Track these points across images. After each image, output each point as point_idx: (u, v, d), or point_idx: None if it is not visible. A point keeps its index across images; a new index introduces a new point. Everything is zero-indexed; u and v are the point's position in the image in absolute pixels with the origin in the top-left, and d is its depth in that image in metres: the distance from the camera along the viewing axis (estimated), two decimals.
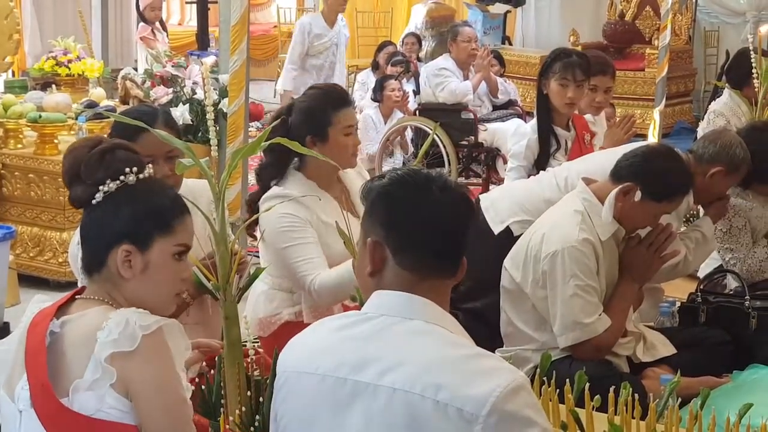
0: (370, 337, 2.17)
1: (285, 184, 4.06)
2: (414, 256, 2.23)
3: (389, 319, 2.18)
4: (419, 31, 12.56)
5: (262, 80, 14.87)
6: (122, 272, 2.44)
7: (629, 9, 12.45)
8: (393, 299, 2.21)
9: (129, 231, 2.45)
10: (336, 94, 4.12)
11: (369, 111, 9.26)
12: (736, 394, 3.79)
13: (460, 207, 2.30)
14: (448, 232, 2.26)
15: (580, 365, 3.60)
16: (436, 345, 2.12)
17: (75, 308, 2.45)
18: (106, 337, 2.28)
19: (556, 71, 5.37)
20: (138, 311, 2.35)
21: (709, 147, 4.55)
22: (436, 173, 2.35)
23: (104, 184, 2.46)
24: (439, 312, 2.20)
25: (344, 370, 2.14)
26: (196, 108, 6.21)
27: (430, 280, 2.23)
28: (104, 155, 2.50)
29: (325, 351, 2.21)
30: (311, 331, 2.36)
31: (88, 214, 2.50)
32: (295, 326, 3.99)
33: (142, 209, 2.48)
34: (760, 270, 4.96)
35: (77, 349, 2.33)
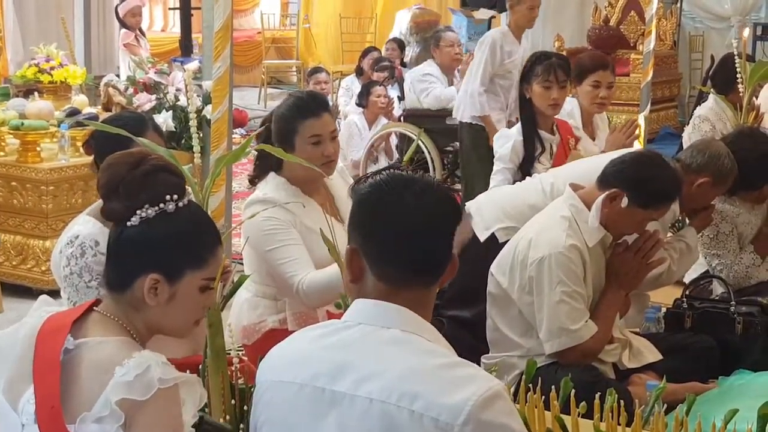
0: (347, 347, 2.15)
1: (269, 189, 4.04)
2: (389, 269, 2.20)
3: (367, 328, 2.16)
4: (404, 36, 12.56)
5: (246, 86, 14.88)
6: (147, 300, 2.38)
7: (614, 14, 12.47)
8: (370, 308, 2.19)
9: (160, 260, 2.39)
10: (306, 103, 4.06)
11: (354, 117, 9.25)
12: (722, 399, 3.78)
13: (438, 213, 2.23)
14: (425, 243, 2.20)
15: (566, 372, 3.59)
16: (412, 354, 2.10)
17: (92, 326, 2.38)
18: (122, 376, 2.22)
19: (538, 74, 5.40)
20: (162, 360, 2.28)
21: (697, 157, 4.55)
22: (418, 176, 2.29)
23: (142, 209, 2.39)
24: (416, 320, 2.17)
25: (322, 379, 2.13)
26: (180, 115, 6.19)
27: (408, 291, 2.19)
28: (147, 177, 2.42)
29: (304, 360, 2.19)
30: (290, 341, 2.33)
31: (121, 232, 2.42)
32: (280, 334, 3.96)
33: (177, 241, 2.41)
34: (746, 276, 4.96)
35: (92, 381, 2.27)
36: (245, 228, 3.97)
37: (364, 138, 8.84)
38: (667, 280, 4.55)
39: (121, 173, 2.43)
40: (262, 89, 14.30)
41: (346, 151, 8.89)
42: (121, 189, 2.41)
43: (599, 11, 12.60)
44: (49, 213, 6.41)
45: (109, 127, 3.35)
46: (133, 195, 2.40)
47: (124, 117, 3.90)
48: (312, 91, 7.90)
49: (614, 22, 12.39)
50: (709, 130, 6.49)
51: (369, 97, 9.09)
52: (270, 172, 4.09)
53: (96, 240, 3.48)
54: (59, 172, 6.42)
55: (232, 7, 4.83)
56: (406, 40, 12.56)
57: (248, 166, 7.44)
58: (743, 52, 6.20)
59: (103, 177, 2.47)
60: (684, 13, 13.01)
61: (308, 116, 3.99)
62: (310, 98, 4.14)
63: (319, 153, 3.97)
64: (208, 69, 5.29)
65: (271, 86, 14.88)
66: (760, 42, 12.42)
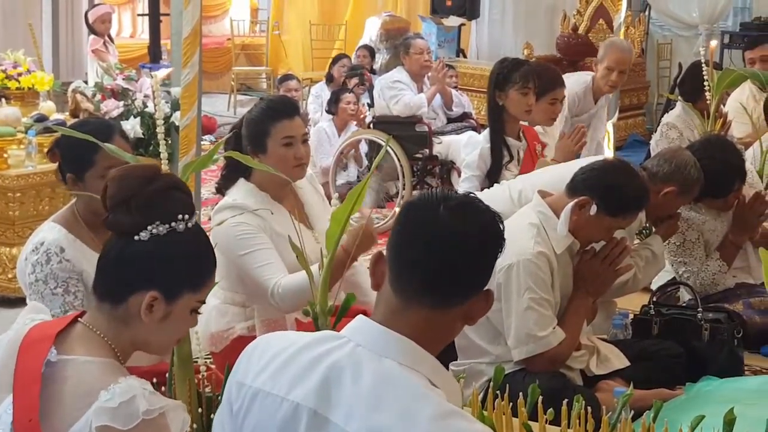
0: (340, 369, 2.04)
1: (238, 195, 4.03)
2: (403, 279, 2.10)
3: (363, 353, 2.05)
4: (374, 43, 12.56)
5: (215, 93, 14.83)
6: (143, 316, 2.36)
7: (582, 22, 12.51)
8: (371, 330, 2.09)
9: (163, 279, 2.37)
10: (278, 105, 4.09)
11: (323, 124, 9.24)
12: (689, 406, 3.80)
13: (470, 233, 2.09)
14: (443, 259, 2.07)
15: (534, 378, 3.60)
16: (405, 400, 1.98)
17: (77, 341, 2.35)
18: (106, 401, 2.20)
19: (516, 81, 5.42)
20: (148, 389, 2.26)
21: (663, 166, 4.57)
22: (467, 196, 2.17)
23: (153, 225, 2.36)
24: (416, 353, 2.06)
25: (312, 399, 2.03)
26: (148, 121, 6.16)
27: (417, 310, 2.08)
28: (160, 194, 2.40)
29: (297, 375, 2.08)
30: (281, 343, 2.20)
31: (125, 246, 2.38)
32: (248, 341, 3.90)
33: (182, 262, 2.39)
34: (713, 283, 5.00)
35: (75, 401, 2.24)
36: (214, 234, 3.95)
37: (334, 145, 8.83)
38: (633, 287, 4.58)
39: (134, 187, 2.40)
40: (232, 96, 14.26)
41: (315, 157, 8.88)
42: (132, 203, 2.37)
43: (568, 19, 12.64)
44: (16, 220, 6.35)
45: (77, 133, 3.34)
46: (145, 210, 2.37)
47: (91, 123, 3.88)
48: (284, 95, 7.91)
49: (583, 30, 12.43)
50: (677, 138, 6.54)
51: (338, 104, 9.08)
52: (239, 179, 4.08)
53: (61, 246, 3.46)
54: (26, 179, 6.37)
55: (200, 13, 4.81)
56: (376, 47, 12.55)
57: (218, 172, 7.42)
58: (710, 60, 6.24)
59: (113, 188, 2.42)
60: (652, 21, 13.08)
61: (281, 118, 4.00)
62: (283, 101, 4.18)
63: (291, 155, 3.98)
64: (176, 75, 5.26)
65: (241, 93, 14.84)
66: (727, 50, 12.50)
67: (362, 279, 4.27)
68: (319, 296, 3.17)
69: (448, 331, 2.14)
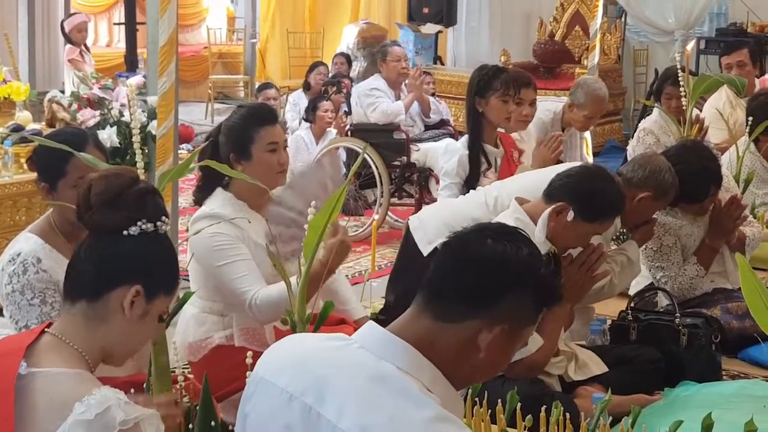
0: (340, 368, 2.07)
1: (216, 204, 4.01)
2: (421, 290, 2.15)
3: (364, 354, 2.08)
4: (351, 51, 12.57)
5: (192, 102, 14.79)
6: (125, 310, 2.37)
7: (558, 29, 12.56)
8: (375, 334, 2.12)
9: (147, 276, 2.39)
10: (260, 112, 4.09)
11: (301, 132, 9.23)
12: (667, 411, 3.81)
13: (498, 257, 2.11)
14: (456, 274, 2.12)
15: (513, 385, 3.60)
16: (398, 401, 1.99)
17: (47, 351, 2.33)
18: (81, 413, 2.18)
19: (498, 88, 5.44)
20: (123, 399, 2.24)
21: (638, 171, 4.59)
22: (518, 231, 2.19)
23: (142, 221, 2.40)
24: (417, 361, 2.06)
25: (310, 396, 2.05)
26: (124, 130, 6.14)
27: (423, 320, 2.11)
28: (146, 195, 2.46)
29: (300, 364, 2.13)
30: (298, 341, 2.30)
31: (109, 241, 2.41)
32: (227, 350, 3.95)
33: (164, 262, 2.46)
34: (690, 287, 5.01)
35: (50, 413, 2.22)
36: (191, 243, 3.94)
37: (311, 153, 8.82)
38: (608, 293, 4.58)
39: (123, 185, 2.45)
40: (209, 104, 14.24)
41: (293, 165, 8.85)
42: (124, 199, 2.42)
43: (544, 26, 12.69)
44: None
45: (51, 143, 3.33)
46: (135, 207, 2.42)
47: (65, 133, 3.87)
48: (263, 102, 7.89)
49: (559, 37, 12.49)
50: (653, 143, 6.58)
51: (316, 112, 9.08)
52: (216, 189, 4.07)
53: (38, 257, 3.45)
54: (2, 189, 6.34)
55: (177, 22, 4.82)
56: (353, 54, 12.56)
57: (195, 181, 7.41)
58: (686, 67, 6.27)
59: (100, 186, 2.45)
60: (628, 28, 13.13)
61: (265, 124, 4.00)
62: (265, 107, 4.19)
63: (276, 161, 3.98)
64: (153, 84, 5.26)
65: (218, 101, 14.81)
66: (703, 56, 12.56)
67: (340, 286, 4.27)
68: (297, 305, 3.17)
69: (451, 352, 2.10)
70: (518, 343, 2.17)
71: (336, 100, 9.42)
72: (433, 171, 7.75)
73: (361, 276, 6.51)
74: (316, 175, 3.85)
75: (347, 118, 8.68)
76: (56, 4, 12.72)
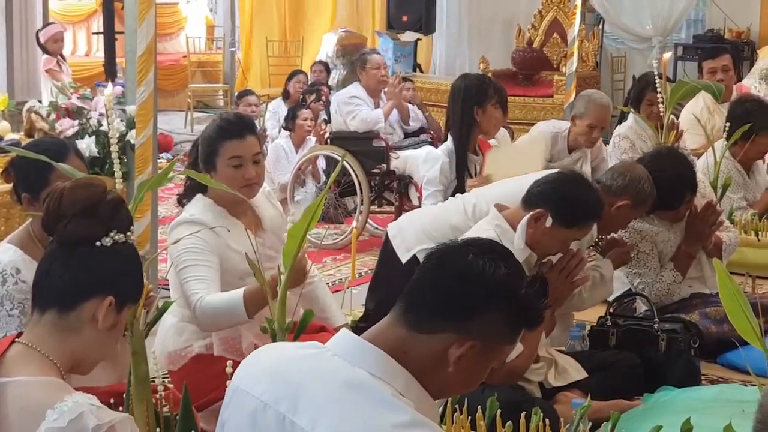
0: (313, 375, 2.07)
1: (195, 210, 4.01)
2: (400, 298, 2.14)
3: (338, 362, 2.08)
4: (330, 59, 12.57)
5: (172, 111, 14.77)
6: (99, 317, 2.36)
7: (537, 36, 12.60)
8: (349, 342, 2.12)
9: (118, 287, 2.40)
10: (230, 124, 4.06)
11: (280, 140, 9.24)
12: (647, 416, 3.83)
13: (477, 273, 2.08)
14: (433, 285, 2.11)
15: (492, 391, 3.61)
16: (371, 407, 1.99)
17: (17, 360, 2.32)
18: (54, 420, 2.18)
19: (493, 95, 5.52)
20: (96, 404, 2.23)
21: (617, 179, 4.61)
22: (503, 249, 2.19)
23: (114, 232, 2.40)
24: (390, 367, 2.06)
25: (284, 404, 2.06)
26: (103, 140, 6.12)
27: (398, 329, 2.10)
28: (118, 206, 2.46)
29: (274, 374, 2.13)
30: (273, 349, 2.29)
31: (83, 252, 2.40)
32: (206, 359, 3.94)
33: (132, 272, 2.46)
34: (668, 293, 5.04)
35: (23, 421, 2.21)
36: (170, 251, 3.94)
37: (291, 161, 8.82)
38: (576, 305, 4.56)
39: (99, 194, 2.45)
40: (189, 113, 14.22)
41: (273, 174, 8.87)
42: (100, 209, 2.42)
43: (523, 33, 12.72)
44: None
45: (32, 153, 3.32)
46: (109, 218, 2.42)
47: (45, 143, 3.86)
48: (239, 113, 7.89)
49: (538, 44, 12.52)
50: (629, 148, 6.62)
51: (295, 121, 9.08)
52: (197, 194, 4.07)
53: (17, 267, 3.43)
54: None
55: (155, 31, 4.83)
56: (332, 63, 12.57)
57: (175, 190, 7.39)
58: (663, 73, 6.30)
59: (81, 194, 2.45)
60: (606, 35, 13.17)
61: (230, 138, 3.98)
62: (235, 120, 4.14)
63: (240, 175, 3.96)
64: (131, 93, 5.26)
65: (198, 110, 14.79)
66: (681, 62, 12.62)
67: (320, 293, 4.27)
68: (277, 313, 3.17)
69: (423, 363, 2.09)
70: (491, 362, 2.14)
71: (315, 108, 9.43)
72: (413, 178, 7.76)
73: (341, 284, 6.51)
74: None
75: (326, 126, 8.68)
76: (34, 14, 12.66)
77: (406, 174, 7.92)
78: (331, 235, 8.02)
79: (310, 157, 8.51)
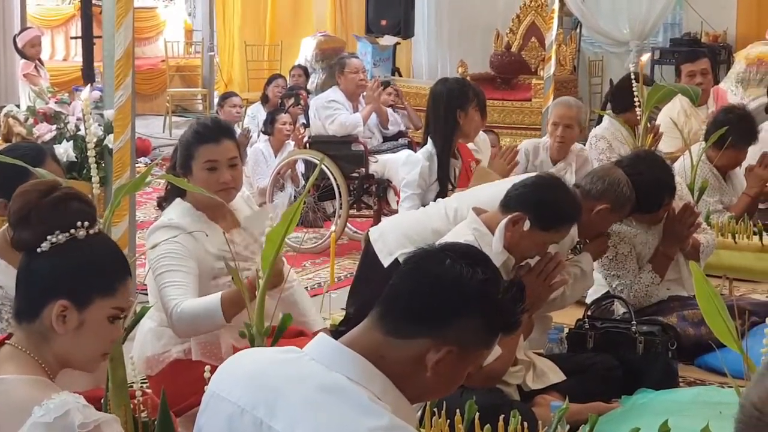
0: (289, 380, 2.07)
1: (174, 214, 4.00)
2: (378, 302, 2.14)
3: (315, 366, 2.07)
4: (309, 63, 12.56)
5: (149, 115, 14.75)
6: (56, 327, 2.36)
7: (515, 40, 12.62)
8: (326, 346, 2.12)
9: (69, 287, 2.37)
10: (207, 128, 4.05)
11: (259, 145, 9.24)
12: (625, 419, 3.84)
13: (452, 278, 2.08)
14: (411, 290, 2.11)
15: (471, 394, 3.61)
16: (348, 411, 1.98)
17: (5, 360, 2.35)
18: (40, 416, 2.18)
19: (473, 99, 5.54)
20: (82, 403, 2.24)
21: (597, 183, 4.64)
22: (480, 253, 2.20)
23: (53, 235, 2.37)
24: (367, 371, 2.06)
25: (261, 409, 2.05)
26: (81, 144, 6.11)
27: (375, 333, 2.10)
28: (58, 204, 2.42)
29: (252, 379, 2.12)
30: (250, 354, 2.28)
31: (30, 260, 2.40)
32: (184, 364, 3.93)
33: (87, 267, 2.40)
34: (646, 295, 5.05)
35: (10, 417, 2.23)
36: (148, 256, 3.93)
37: (270, 165, 8.82)
38: (560, 304, 4.61)
39: (32, 200, 2.42)
40: (167, 117, 14.19)
41: (252, 178, 8.87)
42: (32, 215, 2.40)
43: (501, 38, 12.74)
44: None
45: (7, 159, 3.31)
46: (44, 221, 2.39)
47: (22, 148, 3.85)
48: (217, 117, 7.88)
49: (516, 48, 12.54)
50: (606, 148, 6.68)
51: (275, 125, 9.09)
52: (176, 198, 4.07)
53: None
54: None
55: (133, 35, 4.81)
56: (311, 67, 12.56)
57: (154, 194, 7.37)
58: (641, 76, 6.33)
59: (14, 205, 2.45)
60: (583, 39, 13.22)
61: (205, 142, 3.98)
62: (212, 124, 4.13)
63: (215, 179, 3.96)
64: (109, 98, 5.24)
65: (176, 114, 14.77)
66: (658, 66, 12.68)
67: (299, 298, 4.27)
68: (255, 318, 3.17)
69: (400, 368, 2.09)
70: (468, 366, 2.15)
71: (294, 112, 9.43)
72: (392, 182, 7.77)
73: (320, 288, 6.51)
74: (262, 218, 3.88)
75: (305, 130, 8.68)
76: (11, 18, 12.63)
77: (384, 178, 7.93)
78: (310, 239, 8.02)
79: (289, 161, 8.51)
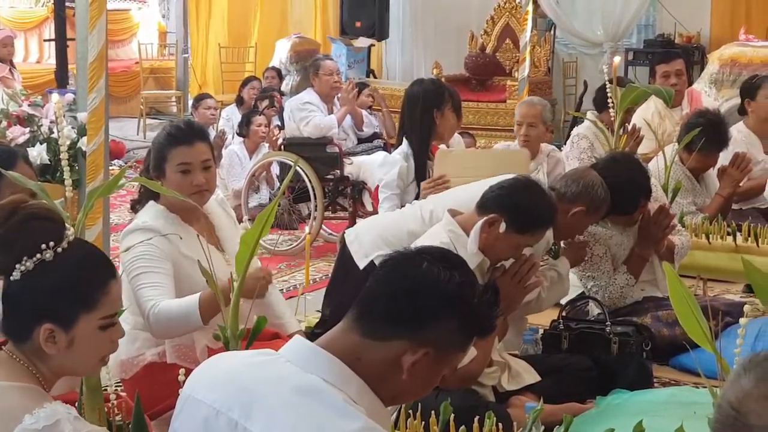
0: (265, 382, 2.07)
1: (148, 216, 3.99)
2: (354, 304, 2.14)
3: (291, 368, 2.07)
4: (284, 65, 12.55)
5: (123, 117, 14.68)
6: (46, 349, 2.34)
7: (489, 42, 12.64)
8: (302, 348, 2.12)
9: (49, 311, 2.34)
10: (179, 131, 4.05)
11: (234, 147, 9.22)
12: (599, 419, 3.85)
13: (429, 280, 2.09)
14: (389, 292, 2.11)
15: (446, 396, 3.61)
16: (323, 413, 1.98)
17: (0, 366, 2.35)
18: (30, 424, 2.18)
19: (448, 99, 5.56)
20: (73, 414, 2.24)
21: (571, 186, 4.65)
22: (456, 258, 2.21)
23: (21, 263, 2.34)
24: (343, 373, 2.06)
25: (236, 411, 2.05)
26: (54, 147, 6.08)
27: (352, 335, 2.10)
28: (20, 229, 2.37)
29: (227, 382, 2.12)
30: (225, 358, 2.27)
31: (8, 286, 2.37)
32: (159, 367, 3.92)
33: (63, 288, 2.36)
34: (621, 296, 5.07)
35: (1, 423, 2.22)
36: (122, 258, 3.91)
37: (245, 167, 8.81)
38: (536, 307, 4.62)
39: None
40: (141, 120, 14.14)
41: (227, 180, 8.86)
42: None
43: (476, 39, 12.76)
44: None
45: None
46: (9, 249, 2.35)
47: None
48: (190, 120, 7.86)
49: (490, 50, 12.56)
50: (588, 147, 6.70)
51: (250, 127, 9.08)
52: (150, 201, 4.06)
53: None
54: None
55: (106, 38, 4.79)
56: (286, 69, 12.55)
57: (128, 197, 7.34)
58: (614, 78, 6.36)
59: None
60: (558, 40, 13.25)
61: (178, 144, 3.98)
62: (185, 126, 4.13)
63: (188, 182, 3.95)
64: (82, 100, 5.22)
65: (150, 117, 14.72)
66: (631, 67, 12.72)
67: (274, 300, 4.27)
68: (230, 320, 3.16)
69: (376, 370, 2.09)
70: (444, 369, 2.16)
71: (268, 114, 9.42)
72: (367, 184, 7.77)
73: (295, 290, 6.50)
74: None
75: (280, 132, 8.67)
76: None
77: (359, 180, 7.93)
78: (285, 241, 8.01)
79: (264, 163, 8.50)
